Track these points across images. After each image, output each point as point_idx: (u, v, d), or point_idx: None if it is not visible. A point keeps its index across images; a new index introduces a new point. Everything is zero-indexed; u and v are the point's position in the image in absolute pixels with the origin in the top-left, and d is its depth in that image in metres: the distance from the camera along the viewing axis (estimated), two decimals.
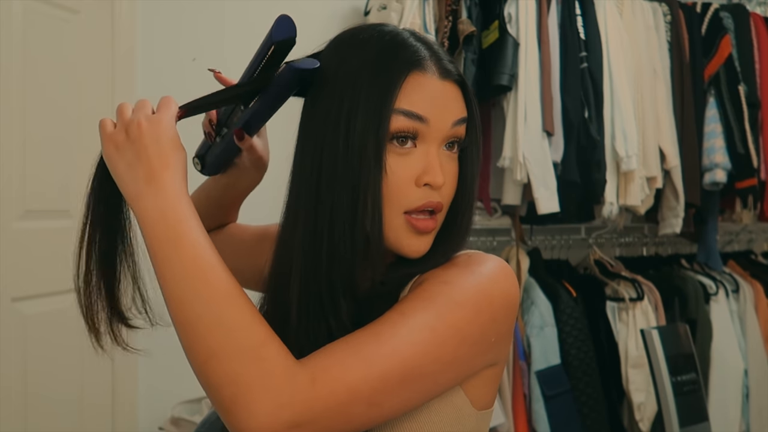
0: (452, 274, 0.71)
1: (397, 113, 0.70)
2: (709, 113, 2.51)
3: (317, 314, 0.73)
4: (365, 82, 0.71)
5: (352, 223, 0.70)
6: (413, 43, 0.74)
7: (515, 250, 2.31)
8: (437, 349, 0.65)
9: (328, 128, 0.71)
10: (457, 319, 0.67)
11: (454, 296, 0.68)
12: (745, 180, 2.48)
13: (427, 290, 0.69)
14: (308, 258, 0.72)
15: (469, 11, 2.19)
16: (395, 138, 0.71)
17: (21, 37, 1.86)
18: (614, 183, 2.28)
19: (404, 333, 0.64)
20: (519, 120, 2.14)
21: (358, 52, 0.73)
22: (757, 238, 3.05)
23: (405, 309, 0.67)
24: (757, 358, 2.50)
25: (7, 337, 1.83)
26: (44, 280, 1.95)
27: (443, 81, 0.73)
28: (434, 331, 0.65)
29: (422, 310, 0.66)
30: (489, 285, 0.71)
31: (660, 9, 2.47)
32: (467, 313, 0.68)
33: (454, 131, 0.74)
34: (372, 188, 0.69)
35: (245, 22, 2.32)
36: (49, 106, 1.95)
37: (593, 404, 2.20)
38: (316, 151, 0.72)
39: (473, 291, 0.69)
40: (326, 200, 0.71)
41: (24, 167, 1.88)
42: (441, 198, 0.73)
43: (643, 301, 2.34)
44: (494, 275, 0.72)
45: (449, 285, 0.69)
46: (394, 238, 0.72)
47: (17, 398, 1.85)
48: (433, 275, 0.72)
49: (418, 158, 0.72)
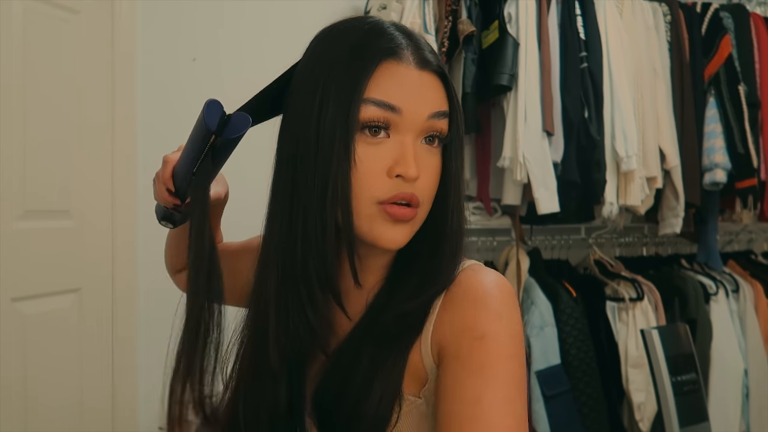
0: (480, 324, 0.68)
1: (367, 102, 0.68)
2: (709, 113, 2.51)
3: (295, 308, 0.72)
4: (338, 72, 0.69)
5: (323, 214, 0.69)
6: (391, 32, 0.71)
7: (515, 250, 2.31)
8: (518, 408, 0.66)
9: (303, 121, 0.70)
10: (513, 373, 0.67)
11: (500, 352, 0.67)
12: (745, 180, 2.48)
13: (472, 355, 0.67)
14: (284, 253, 0.72)
15: (469, 11, 2.19)
16: (366, 127, 0.69)
17: (21, 37, 1.86)
18: (614, 183, 2.28)
19: (496, 419, 0.64)
20: (519, 120, 2.14)
21: (335, 44, 0.72)
22: (757, 238, 3.05)
23: (476, 395, 0.65)
24: (757, 358, 2.50)
25: (7, 337, 1.83)
26: (44, 280, 1.95)
27: (420, 71, 0.70)
28: (512, 401, 0.65)
29: (489, 386, 0.65)
30: (512, 325, 0.69)
31: (660, 9, 2.47)
32: (515, 363, 0.68)
33: (432, 124, 0.71)
34: (341, 178, 0.68)
35: (245, 22, 2.32)
36: (49, 106, 1.95)
37: (593, 404, 2.20)
38: (292, 146, 0.72)
39: (509, 340, 0.68)
40: (300, 193, 0.70)
41: (24, 167, 1.88)
42: (416, 191, 0.70)
43: (643, 301, 2.34)
44: (510, 307, 0.71)
45: (487, 341, 0.67)
46: (368, 228, 0.70)
47: (17, 398, 1.85)
48: (460, 327, 0.69)
49: (391, 149, 0.70)
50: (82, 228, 2.05)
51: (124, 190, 2.14)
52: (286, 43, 1.78)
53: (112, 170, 2.13)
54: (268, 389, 0.75)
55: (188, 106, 2.23)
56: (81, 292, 2.06)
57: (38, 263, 1.93)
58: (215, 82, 2.24)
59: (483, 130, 2.28)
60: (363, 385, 0.69)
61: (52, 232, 1.97)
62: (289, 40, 1.48)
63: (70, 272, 2.03)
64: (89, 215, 2.07)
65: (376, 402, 0.69)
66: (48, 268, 1.96)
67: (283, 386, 0.75)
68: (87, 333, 2.07)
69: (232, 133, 0.70)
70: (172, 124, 2.21)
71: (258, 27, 2.33)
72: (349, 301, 0.76)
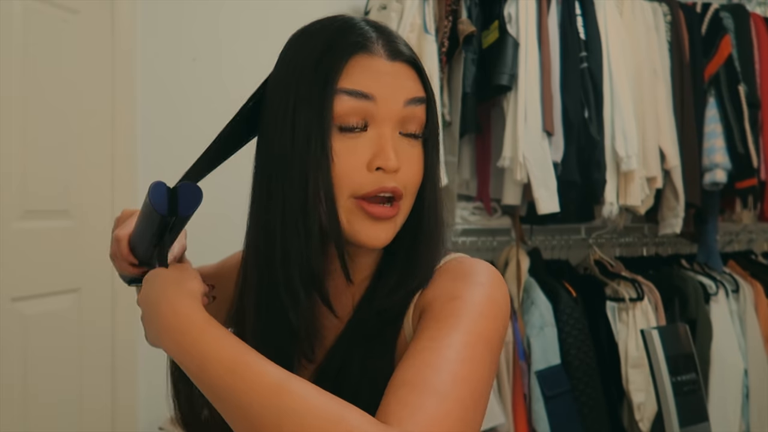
0: (458, 289, 0.68)
1: (340, 93, 0.67)
2: (709, 113, 2.51)
3: (275, 308, 0.71)
4: (309, 71, 0.68)
5: (304, 213, 0.67)
6: (361, 27, 0.70)
7: (515, 250, 2.31)
8: (480, 362, 0.63)
9: (278, 124, 0.69)
10: (482, 329, 0.65)
11: (472, 309, 0.66)
12: (745, 180, 2.48)
13: (443, 310, 0.66)
14: (263, 255, 0.71)
15: (469, 11, 2.19)
16: (342, 122, 0.67)
17: (21, 37, 1.86)
18: (614, 183, 2.28)
19: (451, 356, 0.61)
20: (519, 120, 2.14)
21: (305, 45, 0.71)
22: (757, 238, 3.05)
23: (434, 335, 0.63)
24: (757, 358, 2.50)
25: (7, 337, 1.83)
26: (44, 280, 1.95)
27: (392, 62, 0.69)
28: (473, 347, 0.63)
29: (453, 329, 0.63)
30: (492, 292, 0.69)
31: (660, 9, 2.47)
32: (488, 322, 0.66)
33: (410, 111, 0.69)
34: (321, 175, 0.66)
35: (245, 22, 2.32)
36: (49, 106, 1.95)
37: (593, 404, 2.20)
38: (269, 150, 0.71)
39: (485, 300, 0.67)
40: (277, 195, 0.69)
41: (24, 167, 1.88)
42: (398, 183, 0.69)
43: (643, 301, 2.34)
44: (493, 282, 0.70)
45: (461, 300, 0.66)
46: (350, 227, 0.69)
47: (17, 398, 1.85)
48: (438, 293, 0.68)
49: (369, 142, 0.68)
50: (82, 228, 2.05)
51: (124, 189, 2.14)
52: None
53: (112, 170, 2.13)
54: None
55: (188, 105, 2.24)
56: (81, 292, 2.06)
57: (38, 263, 1.93)
58: (215, 82, 2.24)
59: (483, 130, 2.28)
60: (356, 392, 0.68)
61: (52, 232, 1.97)
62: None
63: (70, 272, 2.03)
64: (89, 215, 2.07)
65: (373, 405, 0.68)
66: (48, 268, 1.96)
67: None
68: (87, 333, 2.07)
69: (186, 210, 0.68)
70: (173, 124, 2.21)
71: (258, 27, 2.33)
72: (338, 300, 0.75)
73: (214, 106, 2.26)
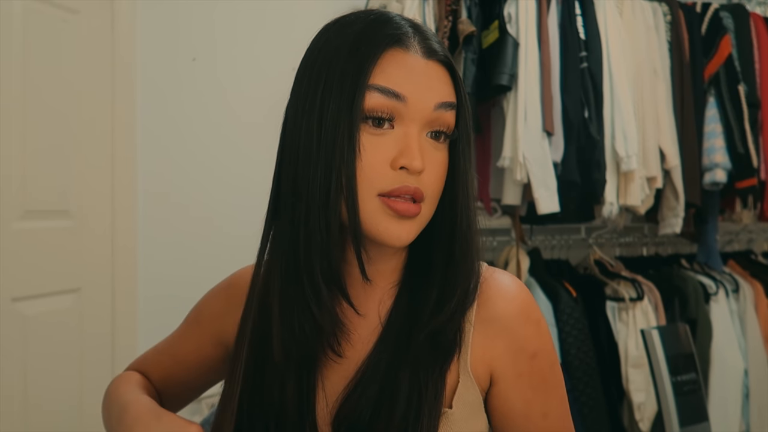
0: (530, 343, 0.74)
1: (372, 89, 0.66)
2: (709, 113, 2.51)
3: (300, 305, 0.70)
4: (342, 60, 0.67)
5: (326, 207, 0.67)
6: (397, 21, 0.70)
7: (515, 250, 2.31)
8: (569, 413, 0.78)
9: (306, 113, 0.68)
10: (560, 376, 0.77)
11: (551, 363, 0.75)
12: (745, 180, 2.48)
13: (533, 375, 0.74)
14: (288, 249, 0.70)
15: (469, 11, 2.19)
16: (370, 117, 0.67)
17: (21, 37, 1.86)
18: (614, 183, 2.28)
19: (567, 426, 0.76)
20: (519, 120, 2.14)
21: (339, 34, 0.70)
22: (757, 238, 3.05)
23: (545, 410, 0.74)
24: (757, 358, 2.50)
25: (7, 337, 1.83)
26: (44, 280, 1.95)
27: (427, 60, 0.68)
28: (564, 401, 0.77)
29: (552, 400, 0.75)
30: (544, 327, 0.76)
31: (660, 9, 2.47)
32: (558, 365, 0.77)
33: (439, 115, 0.69)
34: (345, 169, 0.66)
35: (245, 22, 2.32)
36: (48, 106, 1.95)
37: (593, 404, 2.20)
38: (294, 140, 0.70)
39: (550, 345, 0.76)
40: (303, 187, 0.68)
41: (24, 167, 1.88)
42: (420, 185, 0.68)
43: (643, 301, 2.34)
44: (538, 311, 0.76)
45: (540, 356, 0.74)
46: (371, 223, 0.68)
47: (17, 398, 1.85)
48: (510, 343, 0.73)
49: (395, 140, 0.68)
50: (82, 228, 2.05)
51: (124, 189, 2.14)
52: (286, 42, 1.77)
53: (112, 170, 2.13)
54: (275, 390, 0.73)
55: (188, 105, 2.24)
56: (81, 292, 2.06)
57: (38, 263, 1.93)
58: (215, 82, 2.24)
59: (483, 130, 2.28)
60: (406, 411, 0.69)
61: (52, 232, 1.97)
62: (289, 40, 1.48)
63: (70, 272, 2.03)
64: (89, 215, 2.07)
65: (425, 426, 0.68)
66: (48, 268, 1.96)
67: (290, 387, 0.73)
68: (87, 333, 2.07)
69: None
70: (172, 123, 2.21)
71: (258, 27, 2.33)
72: (358, 298, 0.75)
73: (214, 105, 2.26)
